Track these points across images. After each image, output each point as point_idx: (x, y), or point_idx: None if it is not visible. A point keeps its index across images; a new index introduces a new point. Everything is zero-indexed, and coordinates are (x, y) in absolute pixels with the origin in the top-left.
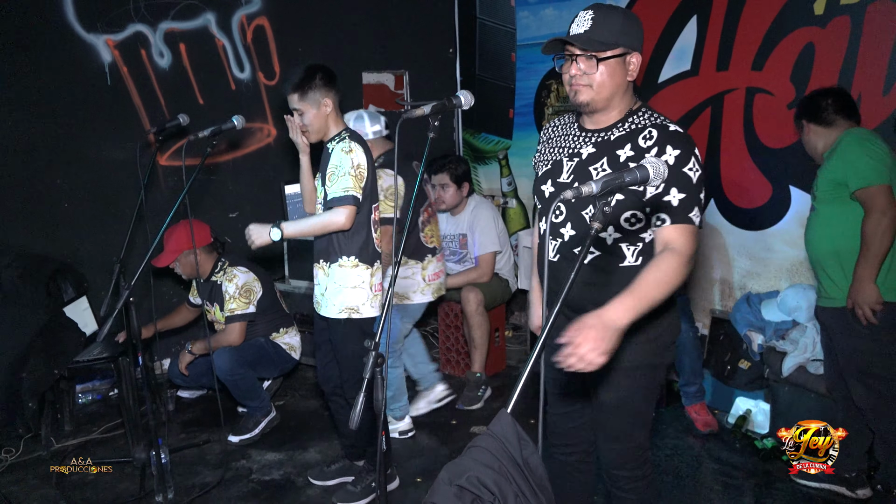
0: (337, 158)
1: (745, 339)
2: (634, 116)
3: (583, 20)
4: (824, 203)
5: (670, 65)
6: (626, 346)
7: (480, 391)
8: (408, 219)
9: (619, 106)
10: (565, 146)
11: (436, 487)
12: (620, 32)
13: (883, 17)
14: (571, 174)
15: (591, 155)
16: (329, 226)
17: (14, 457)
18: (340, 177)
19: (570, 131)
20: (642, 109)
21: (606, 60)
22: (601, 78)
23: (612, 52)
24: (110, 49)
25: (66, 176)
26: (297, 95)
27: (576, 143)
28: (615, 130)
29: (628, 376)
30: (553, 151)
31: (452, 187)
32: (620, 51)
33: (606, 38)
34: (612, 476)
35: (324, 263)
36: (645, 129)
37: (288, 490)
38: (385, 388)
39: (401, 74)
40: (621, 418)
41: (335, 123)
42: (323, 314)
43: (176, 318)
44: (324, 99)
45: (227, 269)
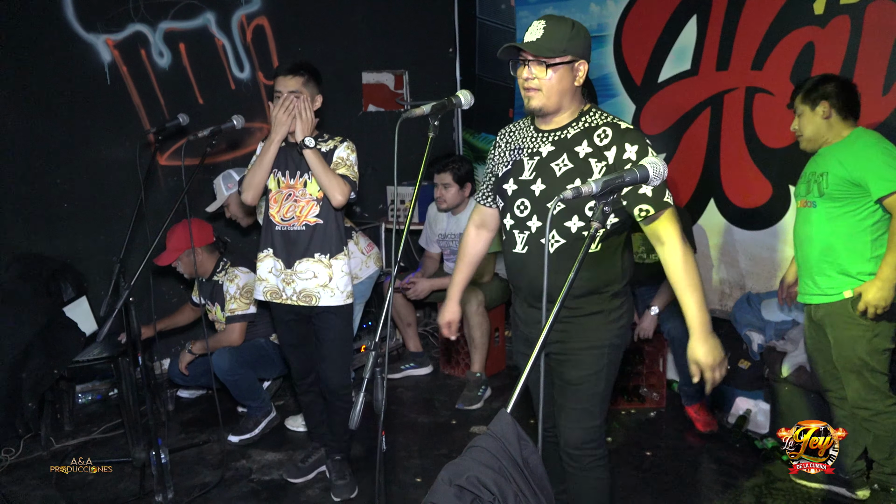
0: (343, 153)
1: (745, 339)
2: (587, 116)
3: (536, 29)
4: (830, 200)
5: (670, 65)
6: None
7: (480, 391)
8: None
9: (570, 108)
10: (524, 147)
11: (436, 487)
12: (569, 41)
13: (883, 17)
14: (534, 171)
15: (550, 153)
16: (332, 189)
17: (14, 457)
18: (350, 166)
19: (527, 133)
20: (593, 110)
21: (555, 66)
22: (550, 82)
23: (560, 59)
24: (110, 49)
25: (66, 176)
26: (302, 80)
27: (534, 143)
28: (570, 129)
29: (592, 355)
30: (511, 153)
31: (455, 187)
32: (569, 58)
33: (556, 46)
34: (575, 456)
35: (322, 257)
36: (598, 127)
37: (288, 490)
38: (384, 388)
39: (400, 74)
40: (585, 395)
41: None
42: (324, 304)
43: (179, 317)
44: (317, 95)
45: (229, 270)
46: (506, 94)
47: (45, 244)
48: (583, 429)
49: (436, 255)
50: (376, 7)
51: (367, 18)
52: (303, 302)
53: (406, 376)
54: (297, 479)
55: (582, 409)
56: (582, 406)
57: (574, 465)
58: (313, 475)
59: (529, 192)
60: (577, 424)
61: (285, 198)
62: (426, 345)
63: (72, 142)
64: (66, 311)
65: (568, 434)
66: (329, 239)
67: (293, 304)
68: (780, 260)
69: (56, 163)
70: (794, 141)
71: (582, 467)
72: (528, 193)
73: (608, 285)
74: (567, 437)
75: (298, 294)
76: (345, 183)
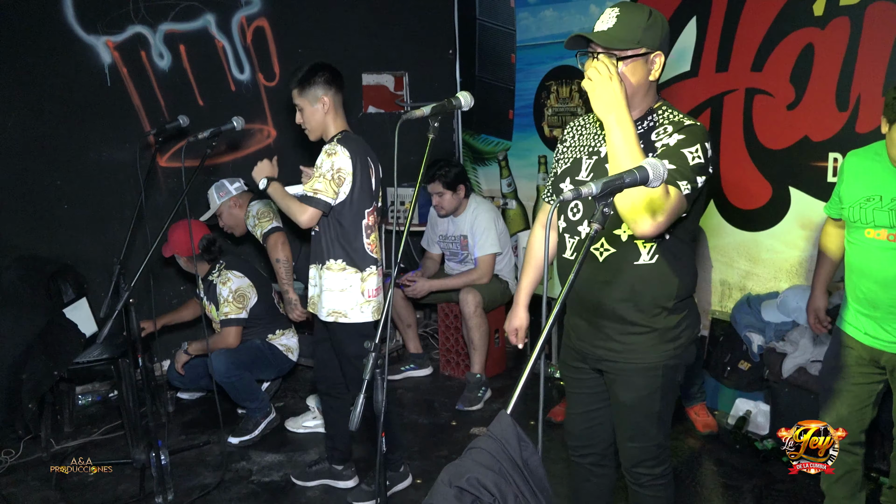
0: (319, 159)
1: (745, 340)
2: (654, 114)
3: (608, 17)
4: None
5: (670, 66)
6: (642, 347)
7: (480, 392)
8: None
9: (641, 105)
10: (586, 144)
11: (435, 489)
12: (644, 30)
13: (883, 18)
14: (590, 172)
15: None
16: (291, 214)
17: (14, 458)
18: (316, 177)
19: (592, 130)
20: (663, 108)
21: (627, 60)
22: (623, 76)
23: (633, 51)
24: (110, 50)
25: (66, 177)
26: (297, 91)
27: (596, 141)
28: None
29: (645, 376)
30: (574, 150)
31: (448, 193)
32: (643, 50)
33: (629, 37)
34: (633, 473)
35: (317, 265)
36: (661, 126)
37: (288, 491)
38: (384, 389)
39: (400, 76)
40: (638, 418)
41: (334, 124)
42: (322, 318)
43: (184, 312)
44: (322, 97)
45: (223, 272)
46: (505, 96)
47: (46, 245)
48: (638, 447)
49: (436, 256)
50: (376, 8)
51: (367, 20)
52: (312, 309)
53: (406, 377)
54: (300, 482)
55: (637, 431)
56: (637, 427)
57: (632, 482)
58: (314, 484)
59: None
60: (631, 444)
61: None
62: (426, 346)
63: (72, 143)
64: (67, 312)
65: (624, 452)
66: (321, 250)
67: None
68: (780, 261)
69: (56, 164)
70: (794, 142)
71: (640, 485)
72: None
73: (662, 300)
74: (623, 455)
75: (310, 300)
76: (301, 205)
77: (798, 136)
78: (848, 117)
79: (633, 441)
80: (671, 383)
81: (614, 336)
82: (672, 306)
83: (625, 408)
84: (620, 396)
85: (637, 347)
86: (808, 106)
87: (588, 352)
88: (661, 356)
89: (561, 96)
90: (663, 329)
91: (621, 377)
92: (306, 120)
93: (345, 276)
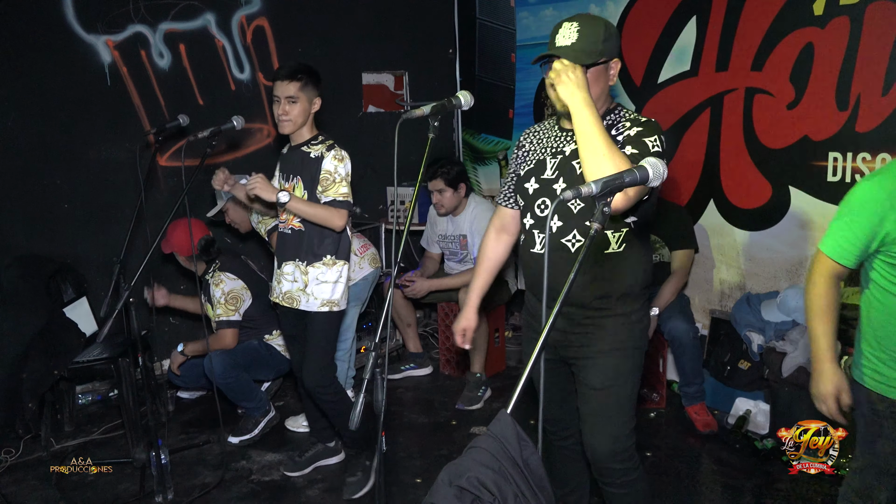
0: (331, 165)
1: (744, 340)
2: (612, 114)
3: (569, 32)
4: None
5: (670, 65)
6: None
7: (480, 392)
8: None
9: (601, 107)
10: (548, 146)
11: (435, 488)
12: (603, 42)
13: (883, 17)
14: (556, 170)
15: (573, 151)
16: (328, 222)
17: (14, 457)
18: (337, 183)
19: (552, 133)
20: (619, 108)
21: (591, 68)
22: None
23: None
24: (110, 50)
25: (66, 176)
26: (299, 84)
27: (558, 142)
28: None
29: (616, 357)
30: (535, 153)
31: (449, 191)
32: (604, 59)
33: (592, 50)
34: (605, 471)
35: (300, 263)
36: (621, 122)
37: (288, 490)
38: (384, 388)
39: (400, 75)
40: (610, 400)
41: (311, 126)
42: (303, 308)
43: (191, 303)
44: (316, 97)
45: (216, 273)
46: (505, 95)
47: (46, 245)
48: (612, 437)
49: (436, 256)
50: (376, 8)
51: (366, 19)
52: (286, 303)
53: (406, 377)
54: (294, 473)
55: (609, 416)
56: (608, 413)
57: (606, 480)
58: (310, 469)
59: (551, 190)
60: (604, 433)
61: None
62: (426, 345)
63: (72, 142)
64: (67, 311)
65: (596, 446)
66: (309, 247)
67: (280, 302)
68: (780, 260)
69: (56, 163)
70: (793, 142)
71: (612, 484)
72: (550, 192)
73: (631, 287)
74: (596, 449)
75: (283, 295)
76: (335, 210)
77: (798, 136)
78: (848, 117)
79: (604, 431)
80: (638, 366)
81: (585, 322)
82: (638, 291)
83: (596, 393)
84: (592, 381)
85: (608, 330)
86: (807, 105)
87: (557, 339)
88: (630, 337)
89: None
90: (630, 311)
91: (593, 361)
92: (296, 114)
93: (337, 268)
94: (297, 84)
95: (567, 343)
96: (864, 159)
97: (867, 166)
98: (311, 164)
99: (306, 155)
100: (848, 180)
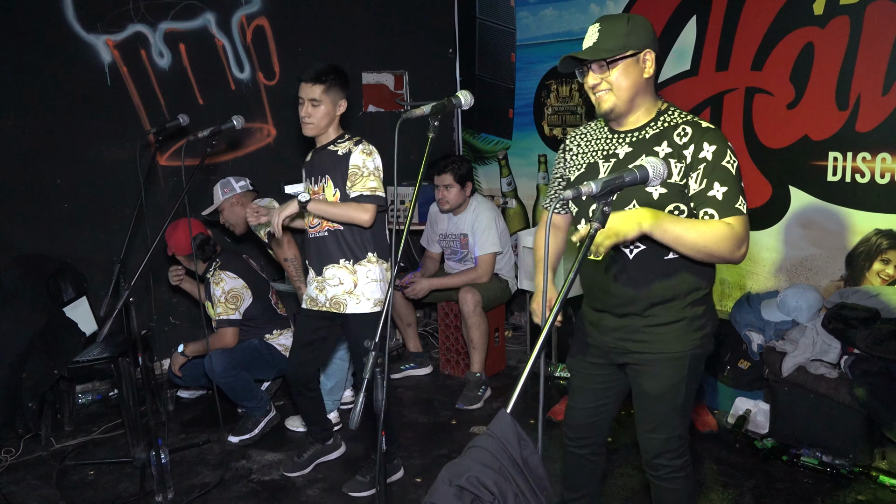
0: (358, 159)
1: (744, 339)
2: (665, 115)
3: (592, 34)
4: None
5: (670, 65)
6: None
7: (480, 391)
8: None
9: (644, 105)
10: (598, 149)
11: (435, 487)
12: (626, 36)
13: (883, 17)
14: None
15: (627, 154)
16: (354, 219)
17: (14, 457)
18: (365, 177)
19: (602, 135)
20: (671, 108)
21: (616, 62)
22: (617, 80)
23: (620, 54)
24: (110, 49)
25: (66, 176)
26: (323, 87)
27: (609, 144)
28: (649, 129)
29: (672, 366)
30: (586, 156)
31: (456, 187)
32: (630, 52)
33: (613, 45)
34: (654, 465)
35: (346, 263)
36: (678, 126)
37: (288, 490)
38: (384, 388)
39: (400, 74)
40: (664, 408)
41: (335, 126)
42: (350, 311)
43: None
44: (341, 100)
45: (217, 272)
46: (505, 95)
47: (46, 244)
48: (661, 439)
49: (436, 255)
50: (376, 7)
51: (367, 19)
52: (334, 309)
53: (406, 376)
54: (294, 474)
55: (661, 421)
56: (661, 418)
57: (653, 474)
58: (310, 469)
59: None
60: (654, 435)
61: None
62: (426, 345)
63: (72, 142)
64: (67, 311)
65: (646, 444)
66: (352, 244)
67: (326, 310)
68: (780, 260)
69: (56, 163)
70: (793, 141)
71: (661, 478)
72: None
73: (689, 293)
74: (645, 447)
75: (330, 301)
76: (359, 206)
77: (798, 136)
78: (848, 116)
79: (655, 433)
80: (696, 373)
81: (643, 328)
82: (698, 297)
83: (650, 398)
84: (646, 387)
85: (666, 337)
86: (807, 105)
87: (612, 346)
88: (688, 345)
89: (561, 95)
90: (690, 318)
91: (648, 368)
92: (319, 116)
93: (380, 267)
94: (321, 87)
95: (623, 350)
96: (864, 159)
97: (867, 166)
98: (339, 161)
99: (333, 153)
100: (848, 180)
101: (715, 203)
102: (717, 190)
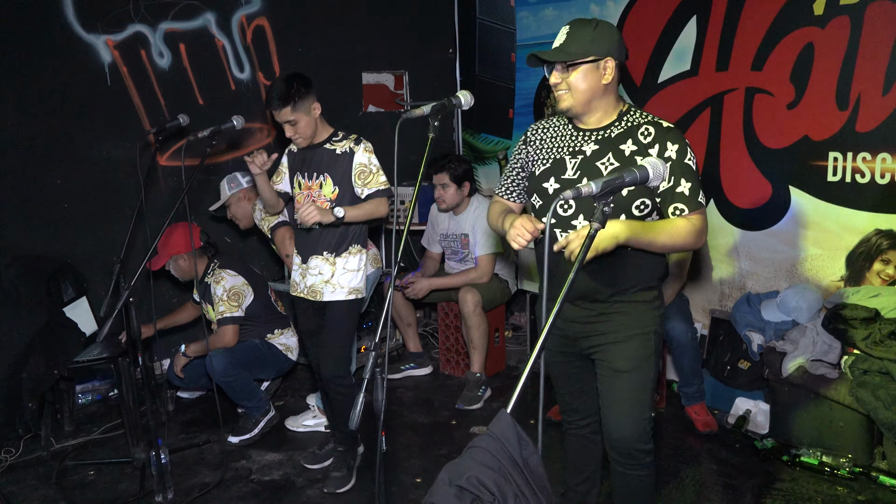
0: (364, 158)
1: (744, 340)
2: (628, 115)
3: (561, 35)
4: None
5: (670, 65)
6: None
7: (480, 391)
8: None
9: (605, 107)
10: (563, 145)
11: (435, 487)
12: (590, 42)
13: (883, 17)
14: (577, 170)
15: (595, 152)
16: (377, 214)
17: (14, 457)
18: (374, 173)
19: (566, 132)
20: (633, 110)
21: (576, 66)
22: (575, 82)
23: (581, 59)
24: (110, 49)
25: (66, 176)
26: (290, 108)
27: (574, 141)
28: (614, 128)
29: (640, 341)
30: (549, 150)
31: (452, 187)
32: (591, 58)
33: (576, 49)
34: (628, 453)
35: (329, 255)
36: (641, 126)
37: (288, 490)
38: (384, 388)
39: (400, 74)
40: (636, 384)
41: (323, 124)
42: (326, 300)
43: (181, 314)
44: (312, 104)
45: (217, 271)
46: (505, 95)
47: (45, 244)
48: (633, 421)
49: (437, 255)
50: (376, 7)
51: (367, 19)
52: (310, 297)
53: (406, 376)
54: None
55: (633, 400)
56: (633, 397)
57: (623, 462)
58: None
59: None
60: (627, 418)
61: (305, 198)
62: (426, 345)
63: (72, 142)
64: (66, 311)
65: (619, 430)
66: (336, 237)
67: (304, 297)
68: (780, 260)
69: (56, 163)
70: (794, 141)
71: (635, 465)
72: None
73: (649, 279)
74: (618, 433)
75: (308, 288)
76: (379, 201)
77: (798, 136)
78: (848, 116)
79: (627, 415)
80: (659, 350)
81: (607, 311)
82: (654, 283)
83: (623, 377)
84: (618, 365)
85: (631, 317)
86: (808, 105)
87: (578, 332)
88: (651, 323)
89: None
90: (650, 300)
91: (617, 346)
92: (303, 129)
93: (359, 257)
94: (289, 108)
95: (589, 333)
96: (865, 159)
97: (867, 166)
98: (339, 160)
99: (331, 152)
100: (848, 180)
101: (683, 198)
102: (683, 186)
